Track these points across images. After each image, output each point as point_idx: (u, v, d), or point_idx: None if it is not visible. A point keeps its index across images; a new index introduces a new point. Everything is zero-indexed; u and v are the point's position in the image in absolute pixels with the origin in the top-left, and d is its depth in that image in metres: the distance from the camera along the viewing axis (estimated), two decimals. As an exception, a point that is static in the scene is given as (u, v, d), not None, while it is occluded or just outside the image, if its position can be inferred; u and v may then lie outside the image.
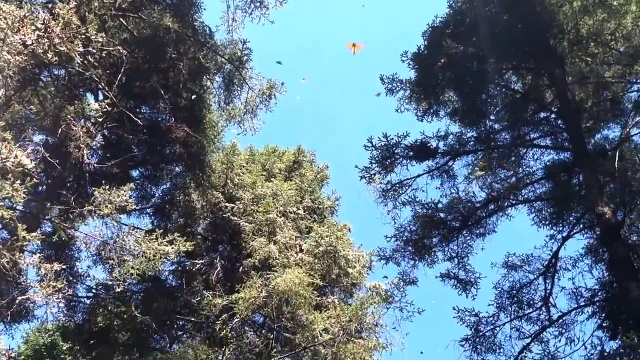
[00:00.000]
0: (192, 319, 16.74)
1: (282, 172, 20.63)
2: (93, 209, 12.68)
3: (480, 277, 17.02)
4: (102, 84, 13.95)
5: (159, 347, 15.97)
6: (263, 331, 17.15)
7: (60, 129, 13.17)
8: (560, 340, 15.48)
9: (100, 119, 13.93)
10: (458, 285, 17.09)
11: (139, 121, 15.08)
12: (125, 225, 14.85)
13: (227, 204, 18.18)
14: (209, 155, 17.05)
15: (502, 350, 15.96)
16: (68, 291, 14.03)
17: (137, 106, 16.29)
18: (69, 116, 13.31)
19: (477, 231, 17.23)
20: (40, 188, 13.43)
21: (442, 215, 17.18)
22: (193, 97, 16.16)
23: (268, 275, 16.08)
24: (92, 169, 14.79)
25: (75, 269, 16.31)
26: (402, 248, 17.43)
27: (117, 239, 13.85)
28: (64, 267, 13.21)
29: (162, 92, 15.49)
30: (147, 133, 15.86)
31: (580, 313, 15.23)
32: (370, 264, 19.01)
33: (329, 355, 16.85)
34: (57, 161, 13.09)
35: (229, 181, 18.92)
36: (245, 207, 18.17)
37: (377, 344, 17.18)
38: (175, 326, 17.32)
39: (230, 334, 15.83)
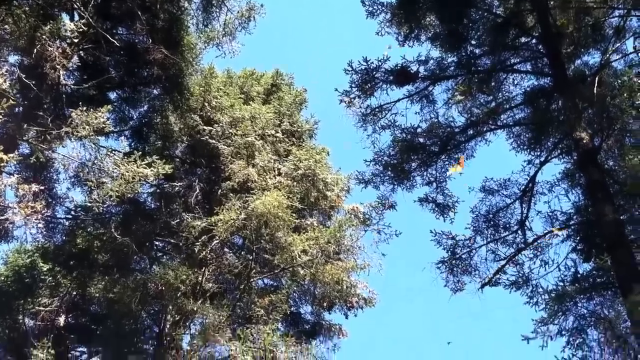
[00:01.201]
0: (172, 241, 16.85)
1: (260, 95, 20.47)
2: (70, 130, 12.56)
3: (458, 202, 17.17)
4: (78, 3, 13.62)
5: (139, 269, 16.12)
6: (242, 253, 17.34)
7: (35, 50, 12.90)
8: (534, 263, 15.80)
9: (76, 40, 13.62)
10: (436, 209, 17.25)
11: (116, 42, 14.78)
12: (103, 147, 14.75)
13: (205, 127, 18.07)
14: (187, 77, 16.83)
15: (477, 272, 16.28)
16: (47, 212, 14.04)
17: (114, 27, 15.91)
18: (44, 36, 13.01)
19: (456, 156, 17.30)
20: (16, 109, 13.20)
21: (421, 140, 17.18)
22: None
23: (247, 198, 16.16)
24: (69, 91, 14.56)
25: (54, 190, 16.27)
26: (381, 172, 17.47)
27: (95, 161, 13.79)
28: (43, 188, 13.17)
29: (138, 13, 15.13)
30: (124, 55, 15.57)
31: (556, 236, 15.51)
32: (349, 187, 19.17)
33: (307, 276, 17.14)
34: (34, 82, 12.85)
35: (206, 104, 18.76)
36: (223, 130, 18.09)
37: (355, 265, 17.51)
38: (155, 248, 17.45)
39: (209, 256, 15.99)
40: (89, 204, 14.29)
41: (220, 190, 17.29)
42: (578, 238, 15.07)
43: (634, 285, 12.32)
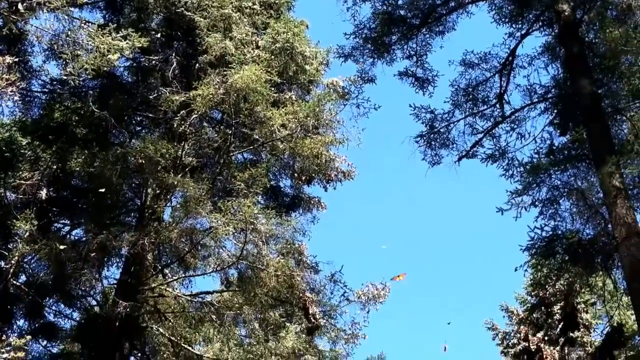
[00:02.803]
0: (150, 115, 16.74)
1: (235, -35, 19.78)
2: (42, 1, 12.20)
3: (437, 75, 17.19)
4: None
5: (119, 142, 16.06)
6: (221, 127, 17.30)
7: None
8: (511, 136, 16.08)
9: None
10: (415, 83, 17.27)
11: None
12: (77, 19, 14.38)
13: (180, -1, 17.55)
14: (160, -55, 16.20)
15: (455, 145, 16.54)
16: (22, 84, 13.84)
17: None
18: None
19: (437, 29, 17.12)
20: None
21: (402, 12, 16.95)
22: None
23: (225, 72, 15.96)
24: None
25: (30, 63, 15.95)
26: (361, 46, 17.33)
27: (69, 33, 13.47)
28: (17, 60, 12.92)
29: None
30: None
31: (533, 109, 15.68)
32: (328, 61, 18.96)
33: (287, 150, 17.25)
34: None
35: (181, -26, 18.13)
36: (199, 1, 17.58)
37: (334, 139, 17.59)
38: (134, 122, 17.34)
39: (188, 130, 15.95)
40: (64, 78, 14.07)
41: (197, 65, 17.02)
42: (555, 111, 15.23)
43: (608, 157, 12.60)
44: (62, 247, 13.72)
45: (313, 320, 17.52)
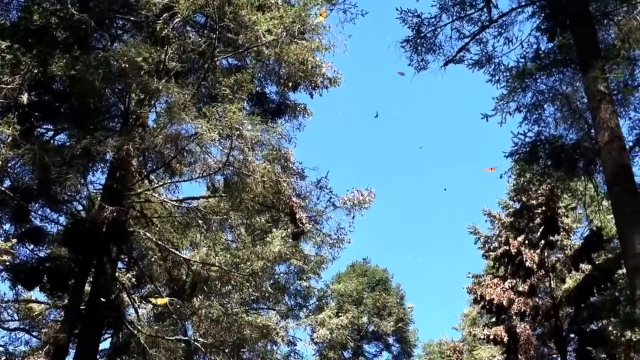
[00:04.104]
0: (132, 19, 16.36)
1: None
2: None
3: (425, -22, 16.84)
4: None
5: (100, 47, 15.77)
6: (205, 31, 17.00)
7: None
8: (498, 40, 15.92)
9: None
10: (402, -15, 16.90)
11: None
12: None
13: None
14: None
15: (441, 50, 16.36)
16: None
17: None
18: None
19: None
20: None
21: None
22: None
23: (208, -26, 15.56)
24: None
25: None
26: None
27: None
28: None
29: None
30: None
31: (521, 13, 15.46)
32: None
33: (272, 55, 17.05)
34: None
35: None
36: None
37: (320, 45, 17.39)
38: (115, 25, 16.94)
39: (171, 34, 15.64)
40: (42, -22, 13.70)
41: (180, -34, 16.57)
42: (543, 15, 15.05)
43: (594, 61, 12.56)
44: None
45: (299, 225, 17.78)
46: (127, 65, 14.29)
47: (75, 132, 14.88)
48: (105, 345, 21.18)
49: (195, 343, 19.34)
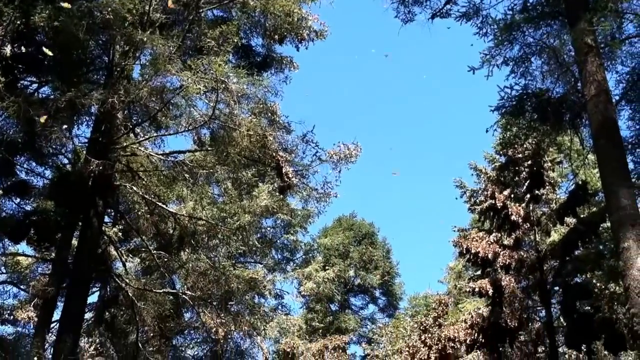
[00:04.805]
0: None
1: None
2: None
3: None
4: None
5: (83, -3, 15.52)
6: (190, -18, 16.74)
7: None
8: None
9: None
10: None
11: None
12: None
13: None
14: None
15: (428, 3, 16.14)
16: None
17: None
18: None
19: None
20: None
21: None
22: None
23: None
24: None
25: None
26: None
27: None
28: None
29: None
30: None
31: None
32: None
33: (258, 7, 16.96)
34: None
35: None
36: None
37: (307, -3, 17.23)
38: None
39: (156, -16, 15.42)
40: None
41: None
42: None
43: (582, 14, 12.48)
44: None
45: (285, 179, 17.74)
46: (111, 17, 14.10)
47: (59, 84, 14.71)
48: (93, 298, 21.33)
49: (183, 296, 19.45)
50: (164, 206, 17.69)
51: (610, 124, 11.69)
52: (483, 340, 21.75)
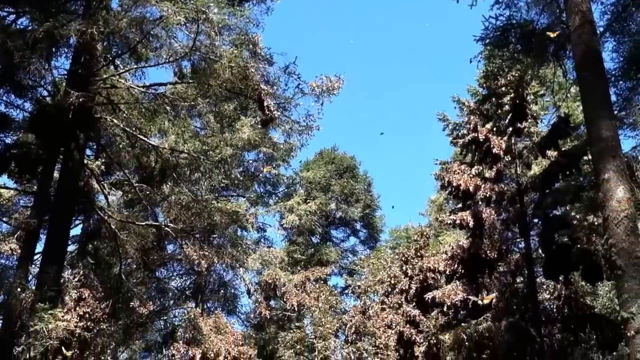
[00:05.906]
0: None
1: None
2: None
3: None
4: None
5: None
6: None
7: None
8: None
9: None
10: None
11: None
12: None
13: None
14: None
15: None
16: None
17: None
18: None
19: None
20: None
21: None
22: None
23: None
24: None
25: None
26: None
27: None
28: None
29: None
30: None
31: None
32: None
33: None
34: None
35: None
36: None
37: None
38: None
39: None
40: None
41: None
42: None
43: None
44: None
45: (267, 112, 17.62)
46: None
47: (37, 15, 14.36)
48: (76, 231, 21.37)
49: (166, 228, 19.55)
50: (146, 139, 17.56)
51: (594, 55, 11.64)
52: (463, 271, 22.07)
